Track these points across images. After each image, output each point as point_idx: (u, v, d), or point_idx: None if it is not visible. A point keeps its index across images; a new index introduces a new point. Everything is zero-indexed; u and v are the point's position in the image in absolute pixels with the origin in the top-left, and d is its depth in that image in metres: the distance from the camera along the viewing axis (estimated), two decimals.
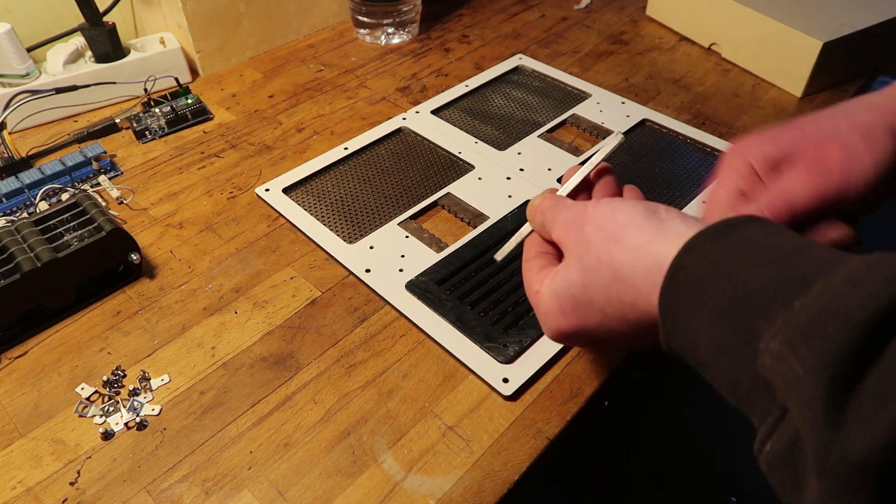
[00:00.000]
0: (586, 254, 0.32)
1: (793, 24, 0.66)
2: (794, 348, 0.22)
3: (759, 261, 0.26)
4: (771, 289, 0.25)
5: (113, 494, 0.37)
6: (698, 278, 0.27)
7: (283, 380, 0.43)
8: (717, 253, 0.27)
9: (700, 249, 0.27)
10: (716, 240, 0.27)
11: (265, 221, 0.55)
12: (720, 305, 0.26)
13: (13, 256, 0.44)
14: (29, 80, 0.64)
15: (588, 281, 0.32)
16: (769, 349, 0.23)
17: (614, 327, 0.32)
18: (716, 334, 0.26)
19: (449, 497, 0.37)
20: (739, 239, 0.27)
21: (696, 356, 0.27)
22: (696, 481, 0.69)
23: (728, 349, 0.25)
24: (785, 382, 0.22)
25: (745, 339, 0.24)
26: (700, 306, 0.26)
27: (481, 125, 0.65)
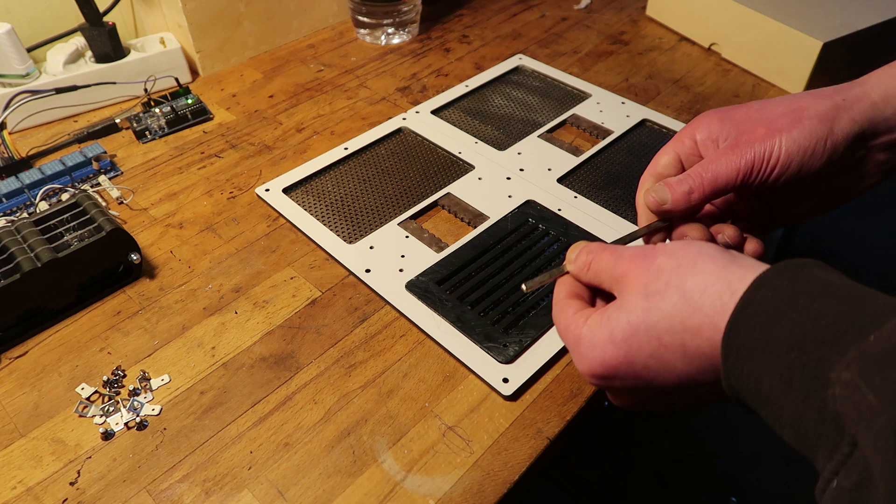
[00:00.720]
0: (654, 280, 0.30)
1: (793, 24, 0.66)
2: (868, 378, 0.22)
3: (830, 298, 0.25)
4: (843, 323, 0.24)
5: (113, 494, 0.37)
6: (768, 312, 0.26)
7: (283, 380, 0.43)
8: (788, 288, 0.26)
9: (770, 285, 0.27)
10: (786, 277, 0.27)
11: (265, 221, 0.55)
12: (790, 339, 0.25)
13: (13, 256, 0.44)
14: (29, 80, 0.64)
15: (651, 306, 0.30)
16: (841, 379, 0.23)
17: (667, 361, 0.30)
18: (783, 368, 0.25)
19: (449, 497, 0.37)
20: (809, 278, 0.27)
21: (759, 393, 0.26)
22: (696, 481, 0.69)
23: (796, 382, 0.25)
24: (857, 413, 0.22)
25: (814, 372, 0.24)
26: (768, 341, 0.26)
27: (481, 125, 0.65)
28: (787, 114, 0.37)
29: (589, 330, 0.32)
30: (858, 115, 0.36)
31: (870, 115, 0.37)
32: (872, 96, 0.37)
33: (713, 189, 0.37)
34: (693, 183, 0.37)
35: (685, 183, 0.37)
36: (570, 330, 0.33)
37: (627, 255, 0.32)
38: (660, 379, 0.30)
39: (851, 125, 0.36)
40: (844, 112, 0.37)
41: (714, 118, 0.39)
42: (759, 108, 0.38)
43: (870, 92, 0.37)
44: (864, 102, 0.37)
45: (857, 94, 0.37)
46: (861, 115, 0.36)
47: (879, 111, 0.37)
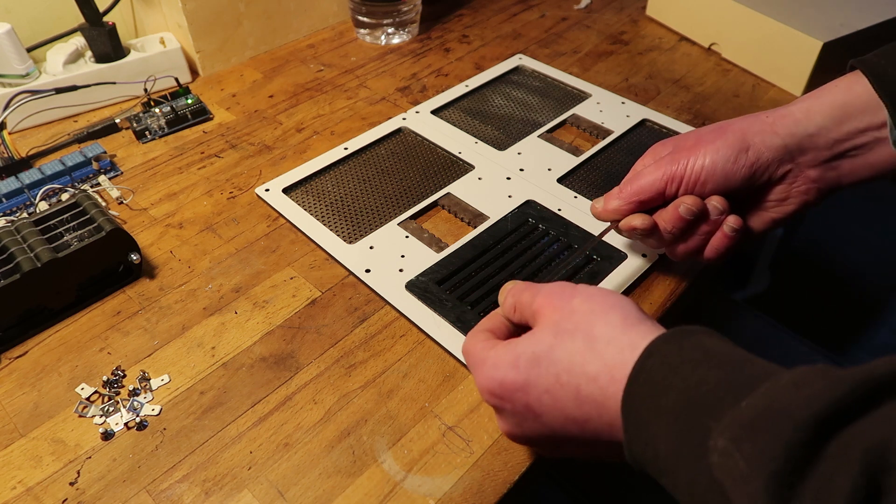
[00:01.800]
0: (566, 319, 0.32)
1: (793, 24, 0.66)
2: (739, 444, 0.23)
3: (711, 365, 0.27)
4: (721, 390, 0.25)
5: (113, 494, 0.37)
6: (657, 381, 0.27)
7: (283, 380, 0.43)
8: (675, 357, 0.28)
9: (659, 353, 0.28)
10: (673, 344, 0.28)
11: (265, 221, 0.55)
12: (675, 408, 0.26)
13: (13, 256, 0.44)
14: (29, 80, 0.64)
15: (558, 343, 0.31)
16: (717, 446, 0.24)
17: (560, 399, 0.31)
18: (673, 435, 0.26)
19: (449, 497, 0.37)
20: (694, 345, 0.28)
21: (656, 462, 0.27)
22: None
23: (683, 451, 0.25)
24: (731, 480, 0.23)
25: (698, 439, 0.25)
26: (658, 409, 0.27)
27: (481, 125, 0.65)
28: (714, 129, 0.42)
29: (495, 353, 0.33)
30: (781, 129, 0.40)
31: (792, 129, 0.40)
32: (795, 114, 0.41)
33: (639, 198, 0.42)
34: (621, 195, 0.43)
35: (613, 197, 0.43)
36: (475, 353, 0.35)
37: (544, 291, 0.34)
38: (549, 415, 0.31)
39: (773, 137, 0.40)
40: (767, 126, 0.41)
41: (659, 143, 0.45)
42: (697, 130, 0.43)
43: (793, 110, 0.41)
44: (787, 119, 0.41)
45: (781, 113, 0.41)
46: (784, 129, 0.40)
47: (802, 127, 0.40)
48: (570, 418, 0.31)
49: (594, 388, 0.30)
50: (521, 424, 0.33)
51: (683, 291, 0.48)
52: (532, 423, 0.32)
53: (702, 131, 0.42)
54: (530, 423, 0.33)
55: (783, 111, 0.41)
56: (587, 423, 0.30)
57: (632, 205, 0.42)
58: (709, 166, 0.40)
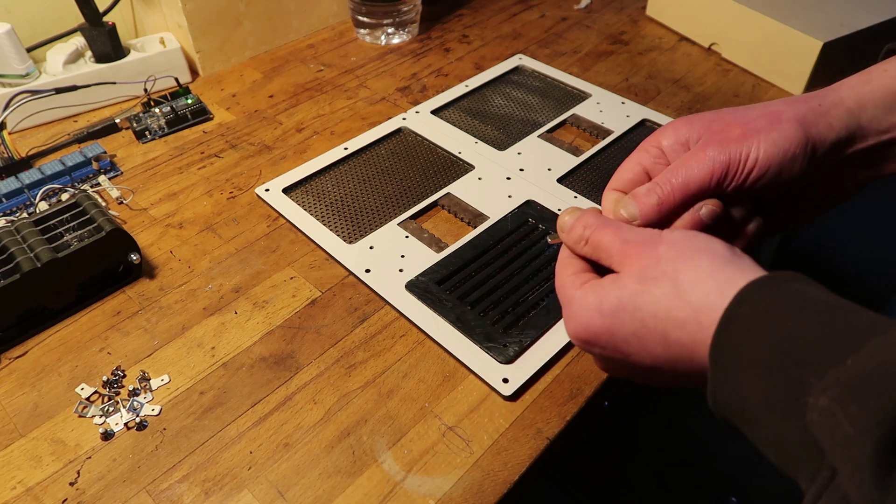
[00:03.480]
0: (652, 267, 0.30)
1: (793, 24, 0.66)
2: (845, 405, 0.22)
3: (810, 316, 0.25)
4: (823, 344, 0.24)
5: (113, 494, 0.37)
6: (748, 331, 0.26)
7: (283, 380, 0.43)
8: (768, 305, 0.26)
9: (751, 301, 0.27)
10: (767, 292, 0.27)
11: (265, 221, 0.55)
12: (770, 359, 0.25)
13: (13, 256, 0.44)
14: (29, 80, 0.64)
15: (643, 289, 0.30)
16: (818, 405, 0.22)
17: (647, 343, 0.30)
18: (765, 388, 0.25)
19: (449, 497, 0.37)
20: (790, 293, 0.26)
21: (743, 412, 0.26)
22: (696, 481, 0.69)
23: (776, 405, 0.24)
24: (833, 441, 0.22)
25: (794, 395, 0.24)
26: (750, 361, 0.25)
27: (481, 125, 0.65)
28: (763, 116, 0.36)
29: (582, 294, 0.32)
30: (835, 120, 0.36)
31: (846, 122, 0.36)
32: (847, 103, 0.36)
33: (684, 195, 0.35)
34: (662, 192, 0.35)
35: (653, 193, 0.35)
36: (565, 288, 0.34)
37: (632, 238, 0.32)
38: (637, 357, 0.31)
39: (829, 130, 0.36)
40: (822, 117, 0.36)
41: (681, 122, 0.37)
42: (732, 112, 0.37)
43: (845, 99, 0.36)
44: (840, 108, 0.36)
45: (832, 100, 0.36)
46: (838, 121, 0.36)
47: (855, 118, 0.36)
48: (660, 359, 0.30)
49: (682, 334, 0.29)
50: (611, 363, 0.33)
51: None
52: (621, 363, 0.32)
53: (747, 116, 0.36)
54: (619, 363, 0.32)
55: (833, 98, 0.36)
56: (677, 363, 0.30)
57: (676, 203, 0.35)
58: (763, 161, 0.34)
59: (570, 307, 0.33)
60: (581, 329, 0.32)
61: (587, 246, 0.34)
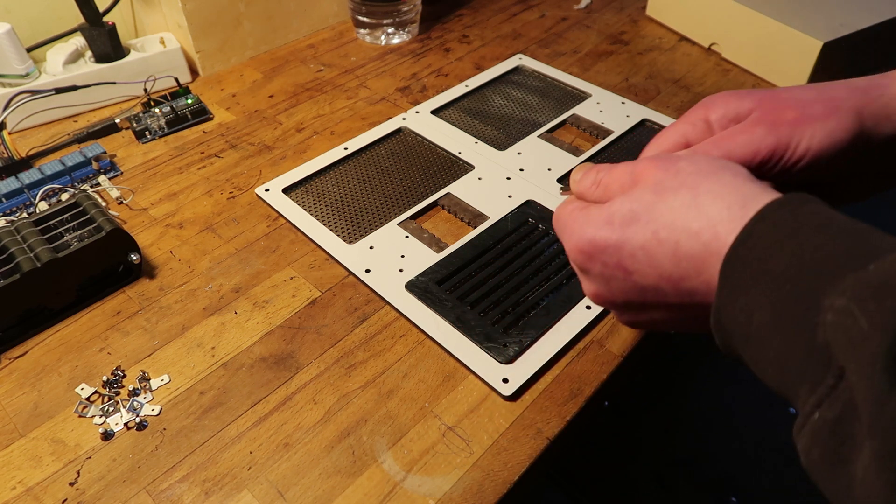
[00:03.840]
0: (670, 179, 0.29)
1: (793, 24, 0.66)
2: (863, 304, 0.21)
3: (832, 232, 0.24)
4: (842, 255, 0.23)
5: (113, 494, 0.37)
6: (767, 245, 0.25)
7: (283, 380, 0.43)
8: (790, 222, 0.25)
9: (772, 218, 0.26)
10: (789, 210, 0.26)
11: (265, 221, 0.55)
12: (787, 271, 0.24)
13: (13, 256, 0.44)
14: (29, 80, 0.64)
15: (659, 199, 0.28)
16: (834, 306, 0.22)
17: (655, 256, 0.28)
18: (776, 300, 0.24)
19: (449, 497, 0.37)
20: (812, 212, 0.25)
21: (748, 329, 0.25)
22: (696, 481, 0.69)
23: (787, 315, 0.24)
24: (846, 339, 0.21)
25: (808, 304, 0.23)
26: (765, 273, 0.24)
27: (481, 125, 0.65)
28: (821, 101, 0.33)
29: (587, 213, 0.31)
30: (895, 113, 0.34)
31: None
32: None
33: None
34: None
35: None
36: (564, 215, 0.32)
37: (646, 158, 0.31)
38: (641, 273, 0.29)
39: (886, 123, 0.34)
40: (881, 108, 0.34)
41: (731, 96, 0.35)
42: (787, 91, 0.35)
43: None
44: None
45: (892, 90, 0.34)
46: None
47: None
48: (665, 276, 0.28)
49: (695, 244, 0.27)
50: (608, 284, 0.31)
51: None
52: (621, 283, 0.30)
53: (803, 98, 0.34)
54: (619, 282, 0.30)
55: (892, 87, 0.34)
56: (683, 280, 0.28)
57: None
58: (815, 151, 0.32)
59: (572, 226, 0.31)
60: (585, 242, 0.30)
61: (599, 187, 0.32)
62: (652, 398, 0.76)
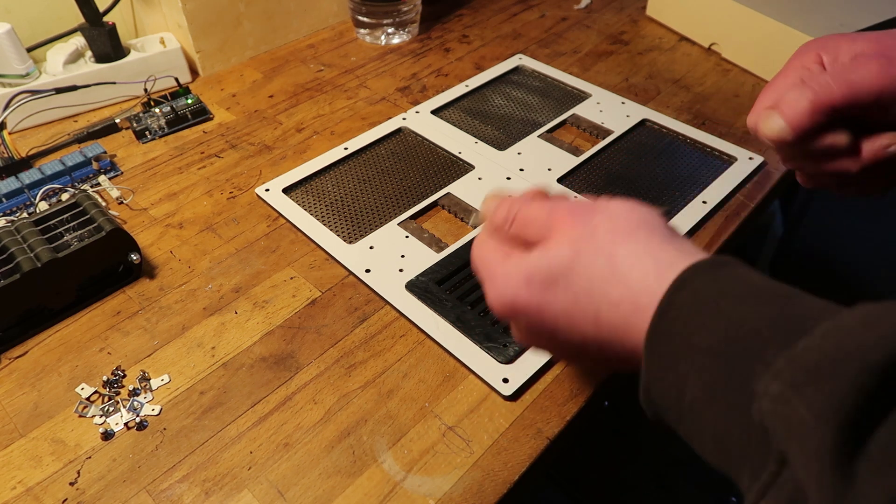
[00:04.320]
0: (587, 239, 0.28)
1: (793, 24, 0.66)
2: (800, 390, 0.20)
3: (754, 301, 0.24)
4: (768, 329, 0.22)
5: (113, 494, 0.37)
6: (689, 318, 0.24)
7: (283, 380, 0.43)
8: (710, 290, 0.25)
9: (692, 287, 0.25)
10: (707, 276, 0.25)
11: (265, 221, 0.55)
12: (712, 346, 0.23)
13: (13, 256, 0.44)
14: (29, 80, 0.64)
15: (577, 264, 0.28)
16: (769, 391, 0.21)
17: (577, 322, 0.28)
18: (707, 378, 0.23)
19: (449, 497, 0.37)
20: (732, 278, 0.25)
21: (680, 406, 0.24)
22: (696, 481, 0.69)
23: (719, 395, 0.23)
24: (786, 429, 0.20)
25: (739, 383, 0.22)
26: (690, 348, 0.24)
27: (481, 125, 0.65)
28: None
29: (507, 266, 0.30)
30: None
31: None
32: None
33: (847, 97, 0.30)
34: (818, 92, 0.31)
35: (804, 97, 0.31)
36: (486, 262, 0.32)
37: (562, 206, 0.31)
38: (565, 335, 0.29)
39: None
40: None
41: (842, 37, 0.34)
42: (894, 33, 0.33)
43: None
44: None
45: None
46: None
47: None
48: (589, 339, 0.28)
49: (615, 315, 0.27)
50: (536, 337, 0.31)
51: None
52: (546, 339, 0.30)
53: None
54: (545, 339, 0.30)
55: None
56: (606, 346, 0.28)
57: (834, 104, 0.31)
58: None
59: (493, 281, 0.31)
60: (508, 303, 0.30)
61: (515, 224, 0.32)
62: None
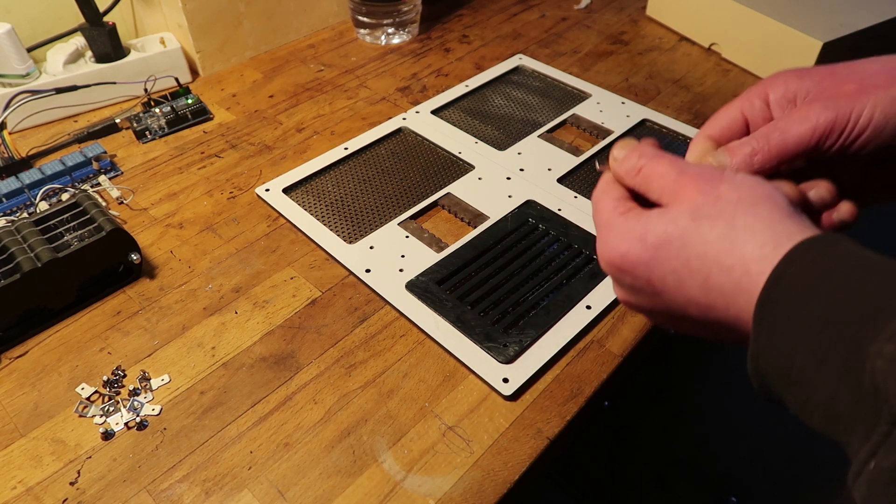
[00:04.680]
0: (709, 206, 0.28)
1: (793, 24, 0.66)
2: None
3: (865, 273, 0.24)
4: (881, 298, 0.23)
5: (113, 494, 0.37)
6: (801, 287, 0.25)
7: (283, 380, 0.43)
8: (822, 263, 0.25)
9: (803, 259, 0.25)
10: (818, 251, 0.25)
11: (265, 221, 0.55)
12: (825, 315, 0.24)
13: (13, 256, 0.44)
14: (29, 80, 0.64)
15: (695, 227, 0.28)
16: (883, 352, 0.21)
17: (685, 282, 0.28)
18: (817, 345, 0.24)
19: (449, 497, 0.37)
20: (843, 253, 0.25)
21: (790, 373, 0.25)
22: (696, 481, 0.69)
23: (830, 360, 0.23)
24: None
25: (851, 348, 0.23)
26: (801, 317, 0.24)
27: (481, 125, 0.65)
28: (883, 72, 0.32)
29: (624, 220, 0.30)
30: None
31: None
32: None
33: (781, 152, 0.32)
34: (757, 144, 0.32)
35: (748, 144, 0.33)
36: (605, 212, 0.32)
37: (691, 171, 0.30)
38: (670, 295, 0.29)
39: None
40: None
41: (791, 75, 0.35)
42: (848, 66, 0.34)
43: None
44: None
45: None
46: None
47: None
48: (693, 302, 0.29)
49: (726, 279, 0.27)
50: (637, 295, 0.31)
51: None
52: (649, 298, 0.31)
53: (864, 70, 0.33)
54: (647, 296, 0.31)
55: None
56: (711, 310, 0.28)
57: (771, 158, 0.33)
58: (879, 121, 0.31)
59: (608, 231, 0.31)
60: (617, 256, 0.30)
61: (639, 176, 0.32)
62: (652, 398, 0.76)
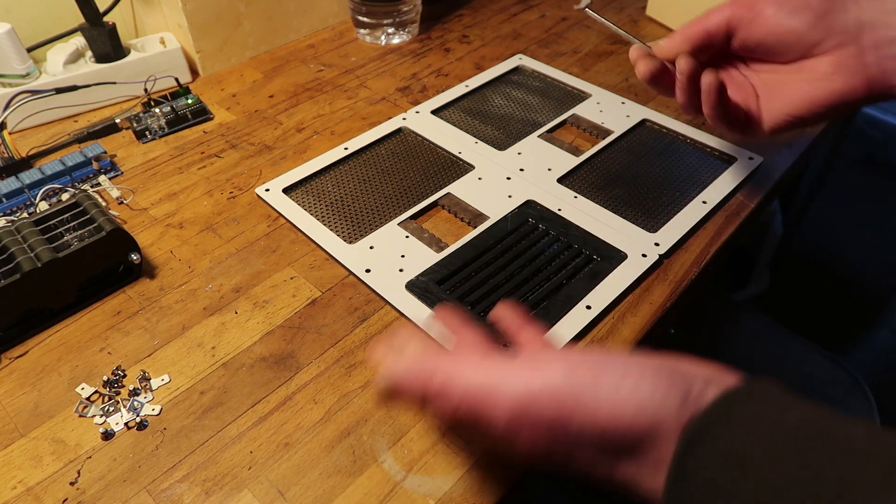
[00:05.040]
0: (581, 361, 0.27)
1: None
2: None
3: (786, 464, 0.21)
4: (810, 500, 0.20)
5: (113, 494, 0.37)
6: (710, 483, 0.22)
7: (283, 380, 0.43)
8: (734, 447, 0.22)
9: (710, 445, 0.23)
10: (724, 426, 0.23)
11: (265, 221, 0.55)
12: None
13: (13, 256, 0.44)
14: (29, 80, 0.64)
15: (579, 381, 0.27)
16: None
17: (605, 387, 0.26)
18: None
19: (449, 497, 0.37)
20: (751, 420, 0.22)
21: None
22: None
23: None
24: None
25: None
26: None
27: (481, 125, 0.65)
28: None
29: (509, 363, 0.28)
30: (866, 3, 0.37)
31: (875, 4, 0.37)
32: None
33: (689, 42, 0.43)
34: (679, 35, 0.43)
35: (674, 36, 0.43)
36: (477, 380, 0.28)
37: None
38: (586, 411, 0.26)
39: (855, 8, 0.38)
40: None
41: None
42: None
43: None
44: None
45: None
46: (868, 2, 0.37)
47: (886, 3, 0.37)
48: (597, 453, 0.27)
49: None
50: (549, 434, 0.28)
51: (683, 291, 0.48)
52: (562, 433, 0.28)
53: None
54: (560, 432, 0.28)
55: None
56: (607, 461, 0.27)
57: (693, 42, 0.43)
58: (772, 22, 0.40)
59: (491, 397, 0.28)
60: (521, 394, 0.27)
61: None
62: None
